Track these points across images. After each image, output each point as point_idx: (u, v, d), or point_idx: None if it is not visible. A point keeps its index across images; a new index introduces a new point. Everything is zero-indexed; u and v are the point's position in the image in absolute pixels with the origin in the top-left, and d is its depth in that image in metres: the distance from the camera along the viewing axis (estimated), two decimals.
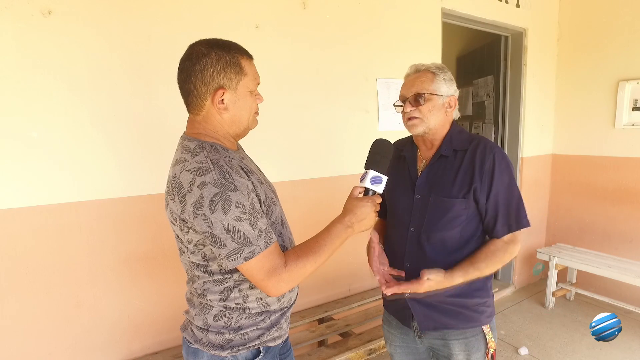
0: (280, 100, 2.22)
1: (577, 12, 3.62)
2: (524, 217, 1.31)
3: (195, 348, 1.11)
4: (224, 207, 0.93)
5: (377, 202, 1.12)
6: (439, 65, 1.36)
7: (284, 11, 2.24)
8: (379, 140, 1.19)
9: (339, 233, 1.08)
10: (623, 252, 3.42)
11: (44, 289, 1.72)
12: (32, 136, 1.64)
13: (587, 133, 3.65)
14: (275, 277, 0.99)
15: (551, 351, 2.85)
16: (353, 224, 1.09)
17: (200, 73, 1.00)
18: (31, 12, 1.59)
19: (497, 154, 1.29)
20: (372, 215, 1.11)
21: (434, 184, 1.33)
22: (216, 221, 0.93)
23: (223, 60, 1.00)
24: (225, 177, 0.95)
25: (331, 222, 1.10)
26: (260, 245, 0.97)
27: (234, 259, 0.96)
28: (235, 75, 1.02)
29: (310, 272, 1.05)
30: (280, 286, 1.01)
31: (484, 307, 1.37)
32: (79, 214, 1.77)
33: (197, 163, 0.97)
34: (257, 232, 0.97)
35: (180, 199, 0.97)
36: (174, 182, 1.00)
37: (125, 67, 1.81)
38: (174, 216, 1.02)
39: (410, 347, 1.48)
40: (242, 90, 1.05)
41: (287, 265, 1.01)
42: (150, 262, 1.96)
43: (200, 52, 1.01)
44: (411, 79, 1.35)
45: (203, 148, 1.00)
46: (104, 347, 1.88)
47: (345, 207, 1.12)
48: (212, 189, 0.93)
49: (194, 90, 1.02)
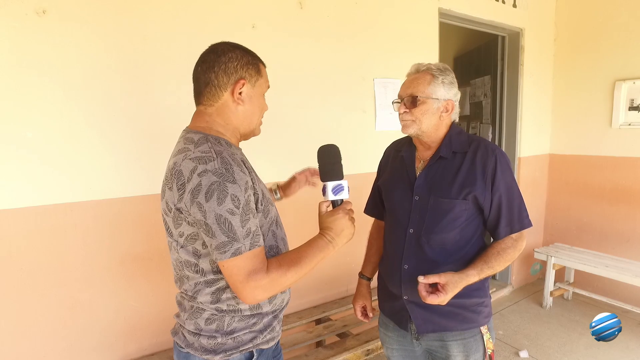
0: (277, 101, 2.19)
1: (574, 12, 3.63)
2: (525, 217, 1.32)
3: (187, 353, 1.09)
4: (219, 197, 0.93)
5: (348, 209, 1.11)
6: (442, 67, 1.33)
7: (281, 11, 2.23)
8: (322, 148, 1.15)
9: (321, 248, 1.07)
10: (620, 252, 3.43)
11: (39, 290, 1.71)
12: (26, 136, 1.63)
13: (584, 133, 3.66)
14: (254, 281, 0.96)
15: (549, 351, 2.85)
16: (334, 239, 1.08)
17: (224, 64, 1.04)
18: (25, 11, 1.58)
19: (498, 155, 1.29)
20: (349, 224, 1.10)
21: (433, 185, 1.32)
22: (210, 210, 0.93)
23: (246, 59, 1.07)
24: (226, 168, 0.95)
25: (312, 238, 1.10)
26: (246, 245, 0.96)
27: (222, 252, 0.94)
28: (255, 74, 1.08)
29: (289, 284, 1.03)
30: (257, 293, 0.98)
31: (482, 307, 1.37)
32: (74, 214, 1.75)
33: (200, 152, 0.97)
34: (246, 230, 0.96)
35: (179, 186, 0.97)
36: (173, 170, 0.99)
37: (121, 67, 1.80)
38: (169, 206, 1.01)
39: (407, 349, 1.47)
40: (258, 90, 1.10)
41: (268, 272, 0.98)
42: (146, 263, 1.95)
43: (226, 47, 1.07)
44: (410, 79, 1.34)
45: (207, 140, 1.01)
46: (99, 349, 1.86)
47: (320, 226, 1.11)
48: (211, 177, 0.93)
49: (214, 80, 1.04)
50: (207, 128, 1.06)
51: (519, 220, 1.31)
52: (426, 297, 1.17)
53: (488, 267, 1.25)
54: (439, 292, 1.17)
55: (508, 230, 1.30)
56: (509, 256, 1.29)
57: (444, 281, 1.18)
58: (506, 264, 1.29)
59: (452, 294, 1.18)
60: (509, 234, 1.30)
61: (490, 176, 1.27)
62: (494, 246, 1.31)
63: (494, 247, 1.30)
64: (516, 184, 1.33)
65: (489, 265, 1.26)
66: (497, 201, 1.28)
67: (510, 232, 1.30)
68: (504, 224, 1.30)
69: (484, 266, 1.25)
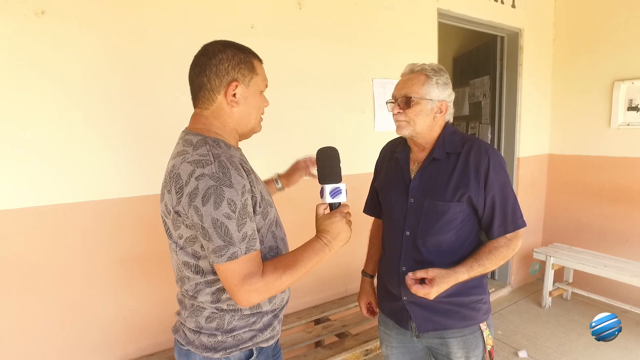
0: (276, 101, 2.19)
1: (573, 12, 3.64)
2: (519, 217, 1.32)
3: (187, 350, 1.10)
4: (215, 201, 0.93)
5: (345, 212, 1.11)
6: (436, 67, 1.32)
7: (280, 11, 2.23)
8: (321, 150, 1.15)
9: (317, 250, 1.07)
10: (619, 252, 3.44)
11: (38, 291, 1.71)
12: (26, 137, 1.63)
13: (583, 133, 3.67)
14: (249, 285, 0.96)
15: (548, 351, 2.86)
16: (330, 242, 1.08)
17: (215, 67, 1.02)
18: (24, 12, 1.58)
19: (492, 155, 1.29)
20: (346, 227, 1.10)
21: (428, 187, 1.32)
22: (206, 214, 0.93)
23: (238, 58, 1.04)
24: (223, 172, 0.95)
25: (309, 241, 1.10)
26: (242, 249, 0.96)
27: (219, 255, 0.95)
28: (248, 73, 1.06)
29: (284, 287, 1.03)
30: (251, 296, 0.98)
31: (481, 304, 1.38)
32: (73, 215, 1.76)
33: (198, 155, 0.97)
34: (242, 235, 0.96)
35: (177, 190, 0.97)
36: (172, 172, 0.99)
37: (120, 67, 1.80)
38: (167, 209, 1.02)
39: (407, 347, 1.48)
40: (253, 88, 1.08)
41: (264, 276, 0.99)
42: (145, 263, 1.95)
43: (217, 48, 1.04)
44: (404, 79, 1.34)
45: (206, 142, 1.00)
46: (98, 349, 1.87)
47: (317, 229, 1.11)
48: (209, 181, 0.93)
49: (207, 83, 1.03)
50: (206, 130, 1.06)
51: (513, 221, 1.31)
52: (412, 287, 1.20)
53: (478, 264, 1.26)
54: (425, 284, 1.19)
55: (502, 230, 1.30)
56: (502, 255, 1.29)
57: (431, 275, 1.20)
58: (499, 262, 1.29)
59: (439, 288, 1.19)
60: (502, 234, 1.30)
61: (484, 176, 1.27)
62: (487, 245, 1.31)
63: (486, 245, 1.31)
64: (510, 184, 1.33)
65: (480, 263, 1.26)
66: (490, 201, 1.29)
67: (504, 232, 1.30)
68: (497, 224, 1.30)
69: (474, 264, 1.26)
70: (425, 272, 1.21)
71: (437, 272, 1.21)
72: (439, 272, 1.21)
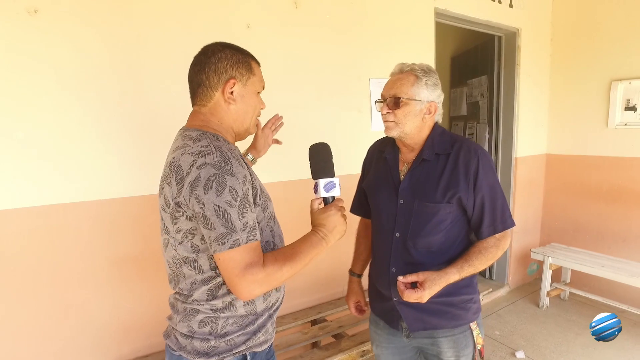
0: (272, 100, 2.18)
1: (570, 12, 3.64)
2: (508, 216, 1.33)
3: (179, 356, 1.08)
4: (217, 189, 0.93)
5: (340, 206, 1.12)
6: (425, 68, 1.32)
7: (276, 11, 2.23)
8: (314, 146, 1.16)
9: (315, 244, 1.08)
10: (617, 252, 3.44)
11: (33, 291, 1.70)
12: (20, 137, 1.61)
13: (580, 133, 3.67)
14: (251, 275, 0.96)
15: (545, 351, 2.85)
16: (327, 235, 1.09)
17: (214, 65, 1.05)
18: (16, 11, 1.56)
19: (481, 156, 1.29)
20: (342, 220, 1.11)
21: (417, 189, 1.32)
22: (208, 202, 0.93)
23: (236, 57, 1.08)
24: (225, 161, 0.96)
25: (305, 235, 1.10)
26: (243, 238, 0.96)
27: (221, 243, 0.94)
28: (245, 72, 1.09)
29: (284, 280, 1.03)
30: (253, 287, 0.97)
31: (471, 304, 1.38)
32: (69, 215, 1.74)
33: (199, 147, 0.98)
34: (243, 223, 0.96)
35: (178, 180, 0.97)
36: (172, 164, 1.00)
37: (115, 66, 1.79)
38: (167, 202, 1.01)
39: (397, 347, 1.48)
40: (250, 88, 1.10)
41: (265, 266, 0.98)
42: (141, 264, 1.94)
43: (216, 48, 1.08)
44: (393, 79, 1.33)
45: (206, 136, 1.02)
46: (93, 350, 1.85)
47: (313, 223, 1.12)
48: (210, 170, 0.94)
49: (205, 81, 1.06)
50: (204, 126, 1.07)
51: (502, 221, 1.31)
52: (404, 292, 1.19)
53: (469, 265, 1.26)
54: (417, 288, 1.19)
55: (491, 230, 1.30)
56: (491, 255, 1.29)
57: (422, 278, 1.21)
58: (489, 262, 1.30)
59: (430, 290, 1.19)
60: (492, 234, 1.31)
61: (473, 177, 1.27)
62: (476, 245, 1.31)
63: (476, 246, 1.31)
64: (499, 184, 1.33)
65: (470, 263, 1.27)
66: (479, 202, 1.29)
67: (493, 232, 1.31)
68: (486, 224, 1.30)
69: (465, 264, 1.26)
70: (416, 276, 1.21)
71: (428, 274, 1.21)
72: (430, 275, 1.21)
